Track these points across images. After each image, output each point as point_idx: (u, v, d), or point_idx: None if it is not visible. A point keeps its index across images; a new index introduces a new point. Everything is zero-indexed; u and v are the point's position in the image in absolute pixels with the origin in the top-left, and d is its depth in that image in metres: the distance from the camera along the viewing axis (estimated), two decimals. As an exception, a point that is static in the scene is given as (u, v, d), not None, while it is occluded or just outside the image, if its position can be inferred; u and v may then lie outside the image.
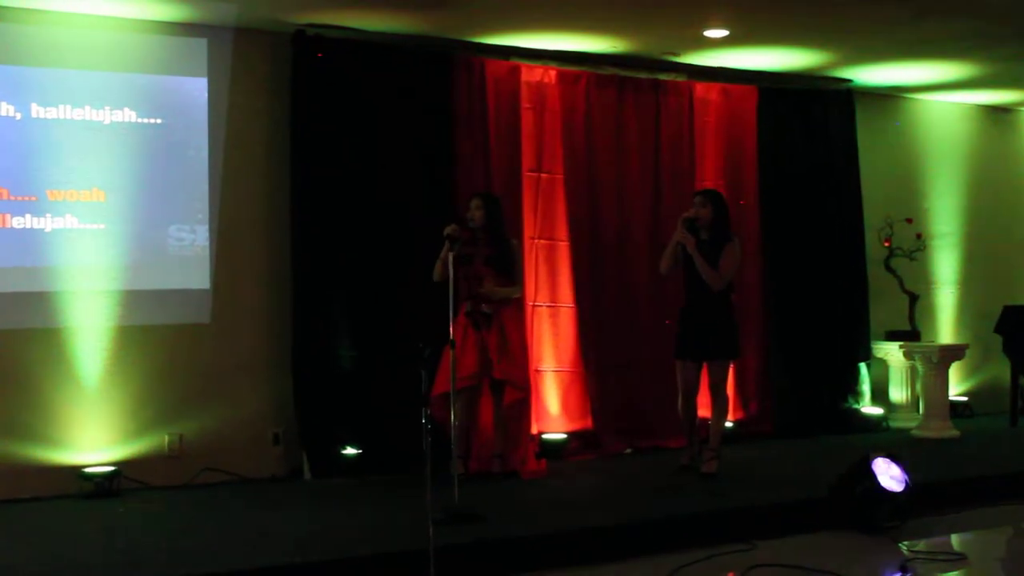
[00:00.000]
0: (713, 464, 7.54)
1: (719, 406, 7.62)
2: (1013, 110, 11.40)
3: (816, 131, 9.80)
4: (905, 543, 6.29)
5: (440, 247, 7.09)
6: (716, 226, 7.52)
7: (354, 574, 5.39)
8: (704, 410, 7.86)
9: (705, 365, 7.58)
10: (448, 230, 7.05)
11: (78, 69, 7.39)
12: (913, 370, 9.90)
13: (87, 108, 7.40)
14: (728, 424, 8.37)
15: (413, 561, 5.29)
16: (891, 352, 9.91)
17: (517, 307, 7.85)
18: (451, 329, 6.47)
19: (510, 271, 7.53)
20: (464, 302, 7.36)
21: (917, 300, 9.93)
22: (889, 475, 6.54)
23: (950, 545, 6.59)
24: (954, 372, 9.93)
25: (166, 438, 7.54)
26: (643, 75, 9.09)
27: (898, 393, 10.10)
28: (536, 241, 8.67)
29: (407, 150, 8.06)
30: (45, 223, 7.27)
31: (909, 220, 9.95)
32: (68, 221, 7.32)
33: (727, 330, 7.56)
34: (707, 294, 7.48)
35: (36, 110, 7.28)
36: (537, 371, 8.60)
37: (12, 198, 7.20)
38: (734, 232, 7.69)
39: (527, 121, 8.69)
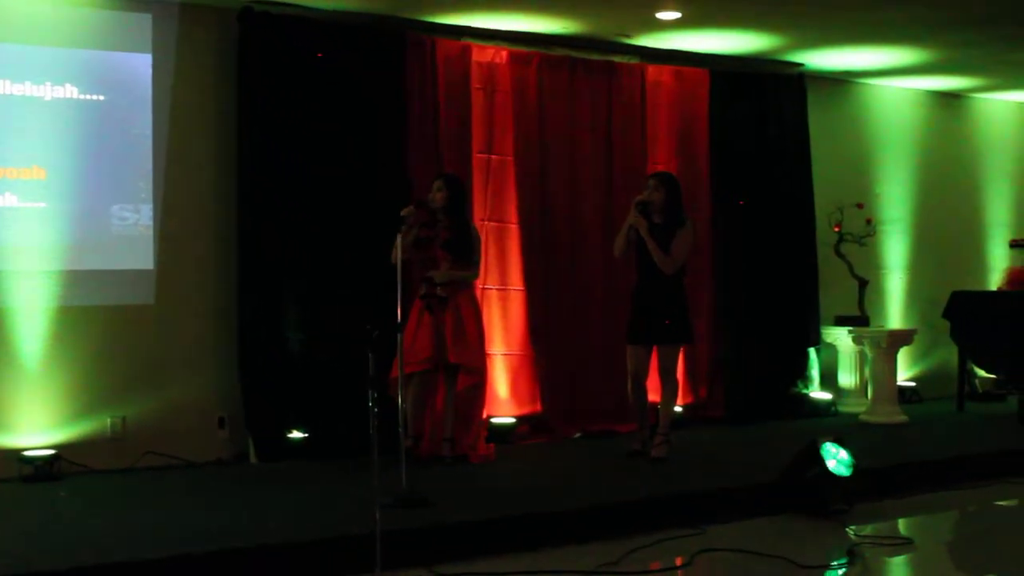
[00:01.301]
0: (663, 448, 7.52)
1: (669, 391, 7.60)
2: (963, 96, 11.46)
3: (768, 115, 9.80)
4: (852, 527, 6.32)
5: (393, 228, 7.00)
6: (669, 209, 7.49)
7: (300, 559, 5.32)
8: (654, 394, 7.82)
9: (655, 349, 7.55)
10: (404, 212, 6.97)
11: (18, 43, 7.22)
12: (862, 355, 9.95)
13: (27, 84, 7.24)
14: (678, 409, 8.38)
15: (360, 546, 5.23)
16: (840, 337, 9.95)
17: (473, 291, 7.77)
18: (399, 311, 6.37)
19: (468, 255, 7.45)
20: (419, 285, 7.28)
21: (866, 285, 9.97)
22: (837, 460, 6.56)
23: (897, 529, 6.65)
24: (902, 357, 9.99)
25: (108, 421, 7.42)
26: (595, 57, 9.03)
27: (847, 378, 10.16)
28: (486, 224, 8.60)
29: (356, 130, 7.96)
30: (-16, 201, 7.12)
31: (860, 205, 9.98)
32: (7, 199, 7.16)
33: (678, 314, 7.53)
34: (659, 278, 7.44)
35: (-26, 85, 7.13)
36: (487, 354, 8.52)
37: (-51, 175, 7.05)
38: (688, 216, 7.64)
39: (478, 102, 8.61)
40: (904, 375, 10.55)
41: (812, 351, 9.94)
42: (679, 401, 8.39)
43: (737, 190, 9.58)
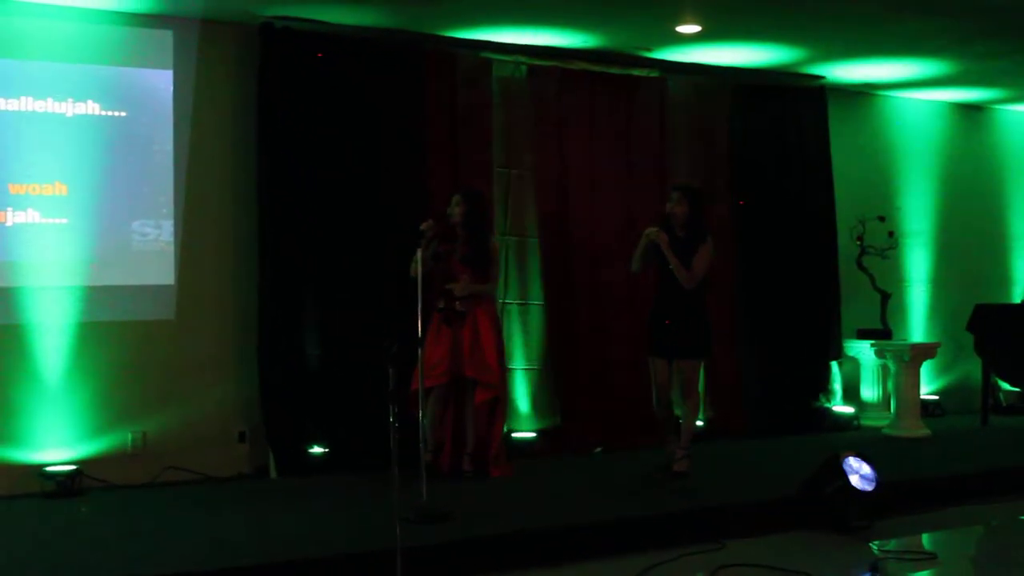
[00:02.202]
0: (684, 463, 7.48)
1: (690, 405, 7.55)
2: (985, 108, 11.40)
3: (789, 128, 9.77)
4: (876, 542, 6.28)
5: (414, 243, 7.00)
6: (691, 224, 7.42)
7: (321, 574, 5.31)
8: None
9: (675, 363, 7.52)
10: (423, 226, 6.99)
11: (40, 60, 7.26)
12: (885, 369, 9.89)
13: (49, 100, 7.28)
14: (699, 423, 8.34)
15: (381, 561, 5.23)
16: (863, 351, 9.89)
17: (492, 305, 7.73)
18: (419, 326, 6.37)
19: (486, 269, 7.45)
20: (438, 299, 7.28)
21: (889, 298, 9.92)
22: (860, 474, 6.52)
23: (920, 544, 6.59)
24: (925, 371, 9.93)
25: (129, 436, 7.43)
26: (615, 71, 9.02)
27: (869, 392, 10.09)
28: (506, 238, 8.59)
29: (377, 145, 7.98)
30: (6, 217, 7.15)
31: (881, 218, 9.93)
32: (30, 215, 7.20)
33: (698, 329, 7.48)
34: (680, 292, 7.38)
35: (-3, 101, 7.17)
36: (505, 369, 8.51)
37: (-28, 192, 7.08)
38: (708, 230, 7.58)
39: (498, 117, 8.61)
40: (927, 389, 10.49)
41: (834, 364, 9.89)
42: (701, 415, 8.38)
43: (758, 204, 9.55)
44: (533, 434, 8.48)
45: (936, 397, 10.68)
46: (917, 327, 10.83)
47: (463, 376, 7.38)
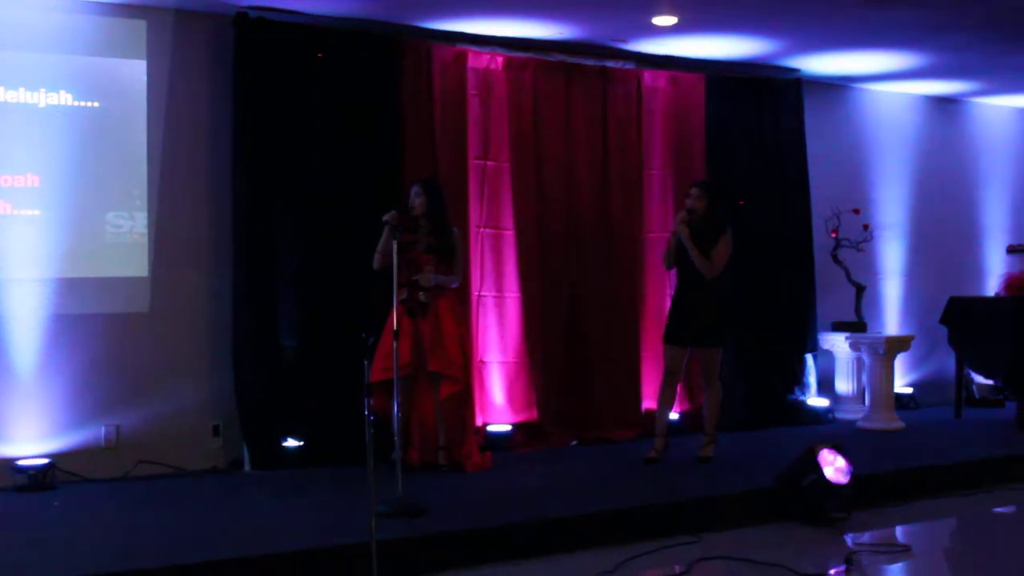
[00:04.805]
0: (710, 449, 7.76)
1: (713, 393, 7.81)
2: (960, 101, 11.44)
3: (764, 120, 9.77)
4: (850, 535, 6.30)
5: (376, 234, 6.98)
6: (711, 217, 7.67)
7: (295, 568, 5.30)
8: (650, 401, 7.84)
9: (694, 353, 7.70)
10: (387, 217, 6.97)
11: (12, 50, 7.19)
12: (859, 361, 9.92)
13: (21, 90, 7.21)
14: (674, 416, 8.39)
15: (355, 555, 5.21)
16: (837, 343, 9.92)
17: (455, 297, 7.71)
18: (394, 318, 6.35)
19: (451, 260, 7.43)
20: (400, 290, 7.25)
21: (863, 291, 9.94)
22: (835, 467, 6.55)
23: (895, 537, 6.61)
24: (900, 363, 9.96)
25: (102, 430, 7.38)
26: (590, 62, 9.01)
27: (844, 384, 10.12)
28: (482, 230, 8.58)
29: (352, 136, 7.94)
30: (-23, 208, 7.09)
31: (856, 211, 9.96)
32: (1, 207, 7.13)
33: (717, 318, 7.70)
34: (699, 283, 7.63)
35: (-32, 92, 7.10)
36: (482, 362, 8.51)
37: (-57, 183, 7.02)
38: (727, 223, 7.77)
39: (473, 108, 8.59)
40: (901, 381, 10.53)
41: (809, 357, 9.91)
42: (676, 408, 8.42)
43: (734, 196, 9.54)
44: (509, 427, 8.46)
45: (911, 390, 10.72)
46: (892, 320, 10.87)
47: (428, 371, 7.36)
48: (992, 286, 11.40)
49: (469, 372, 7.67)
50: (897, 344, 9.57)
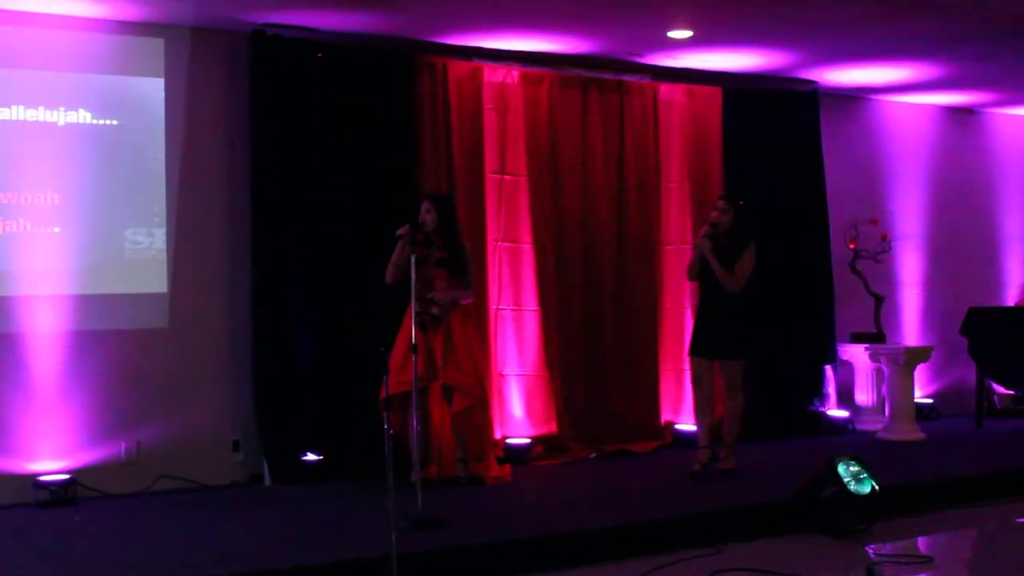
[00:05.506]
0: (731, 461, 7.72)
1: (735, 405, 7.79)
2: (977, 111, 11.42)
3: (781, 132, 9.76)
4: (871, 546, 6.26)
5: (390, 248, 7.00)
6: (735, 231, 7.67)
7: (314, 583, 5.30)
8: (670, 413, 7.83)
9: (717, 365, 7.69)
10: (400, 231, 6.98)
11: (32, 69, 7.25)
12: (879, 372, 9.89)
13: (41, 109, 7.26)
14: (692, 427, 8.36)
15: (375, 569, 5.22)
16: (857, 354, 9.88)
17: (467, 311, 7.70)
18: (412, 332, 6.36)
19: (463, 274, 7.44)
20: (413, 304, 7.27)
21: (882, 302, 9.92)
22: (855, 478, 6.51)
23: (916, 548, 6.57)
24: (920, 374, 9.93)
25: (123, 445, 7.41)
26: (607, 76, 9.03)
27: (864, 395, 10.09)
28: (499, 244, 8.59)
29: (369, 151, 7.97)
30: (-2, 226, 7.15)
31: (874, 222, 9.94)
32: (21, 224, 7.18)
33: (742, 330, 7.67)
34: (722, 296, 7.62)
35: (-12, 111, 7.16)
36: (501, 375, 8.52)
37: (-36, 201, 7.07)
38: (752, 237, 7.78)
39: (490, 122, 8.60)
40: (921, 392, 10.49)
41: (828, 368, 9.88)
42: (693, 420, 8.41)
43: (751, 208, 9.52)
44: (528, 440, 8.46)
45: (931, 400, 10.68)
46: (911, 330, 10.83)
47: (442, 385, 7.37)
48: (1011, 296, 11.35)
49: (484, 385, 7.67)
50: (917, 355, 9.54)
